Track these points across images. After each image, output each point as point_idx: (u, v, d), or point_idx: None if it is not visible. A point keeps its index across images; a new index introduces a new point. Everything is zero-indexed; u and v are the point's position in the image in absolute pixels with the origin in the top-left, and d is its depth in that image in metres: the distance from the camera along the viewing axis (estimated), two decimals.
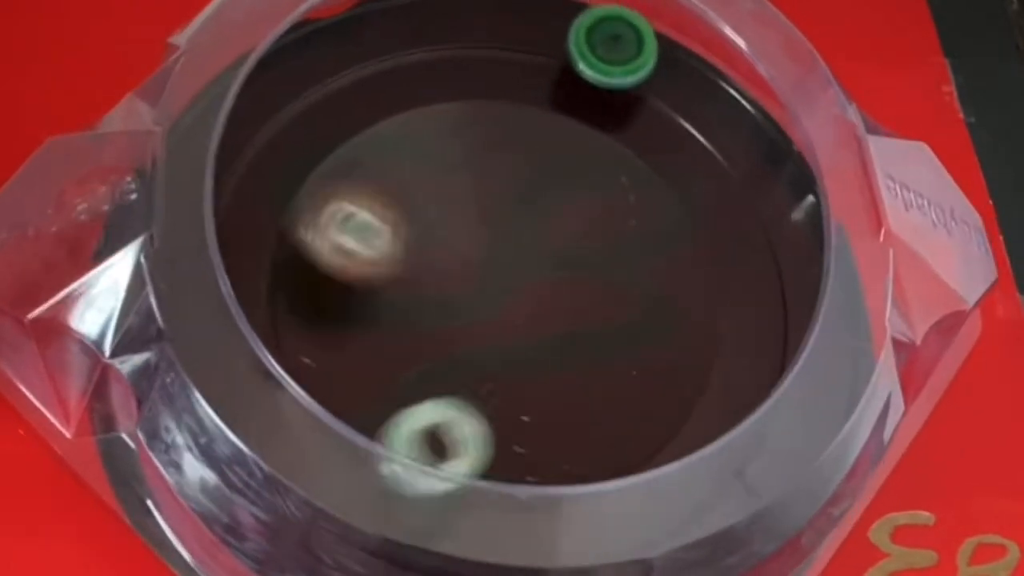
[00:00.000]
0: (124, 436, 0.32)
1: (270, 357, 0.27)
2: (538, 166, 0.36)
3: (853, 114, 0.33)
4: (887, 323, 0.31)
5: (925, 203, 0.34)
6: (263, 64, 0.33)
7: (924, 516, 0.34)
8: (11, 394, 0.32)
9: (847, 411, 0.30)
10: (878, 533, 0.33)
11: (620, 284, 0.34)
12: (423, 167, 0.35)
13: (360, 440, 0.27)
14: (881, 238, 0.31)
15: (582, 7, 0.36)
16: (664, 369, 0.33)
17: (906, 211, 0.32)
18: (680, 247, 0.35)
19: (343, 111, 0.35)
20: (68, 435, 0.32)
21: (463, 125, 0.37)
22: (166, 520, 0.31)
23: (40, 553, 0.32)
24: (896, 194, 0.32)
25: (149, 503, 0.32)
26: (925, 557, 0.33)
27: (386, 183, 0.33)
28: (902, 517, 0.34)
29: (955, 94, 0.42)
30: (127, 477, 0.32)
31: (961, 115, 0.41)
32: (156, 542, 0.31)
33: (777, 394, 0.29)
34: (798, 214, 0.35)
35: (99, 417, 0.32)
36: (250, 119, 0.32)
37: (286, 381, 0.27)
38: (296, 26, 0.34)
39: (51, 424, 0.32)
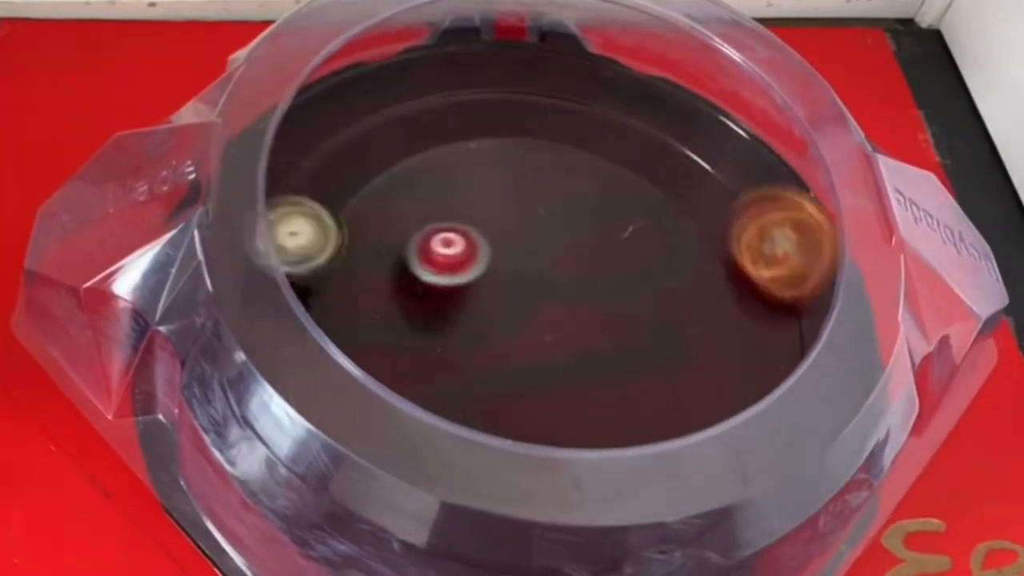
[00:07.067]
0: (161, 417, 0.33)
1: (309, 318, 0.29)
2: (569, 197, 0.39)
3: (861, 138, 0.35)
4: (900, 320, 0.31)
5: (935, 223, 0.35)
6: (315, 90, 0.36)
7: (935, 523, 0.34)
8: (57, 376, 0.34)
9: (861, 401, 0.30)
10: (891, 540, 0.34)
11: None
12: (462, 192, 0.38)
13: (392, 397, 0.28)
14: (892, 243, 0.33)
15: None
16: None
17: (916, 224, 0.34)
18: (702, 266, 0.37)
19: (389, 131, 0.38)
20: (109, 416, 0.33)
21: (495, 159, 0.40)
22: (195, 493, 0.32)
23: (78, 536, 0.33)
24: (906, 207, 0.34)
25: (182, 482, 0.33)
26: (939, 562, 0.33)
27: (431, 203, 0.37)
28: (913, 524, 0.34)
29: (931, 141, 0.46)
30: (163, 457, 0.33)
31: (938, 159, 0.46)
32: (187, 520, 0.32)
33: (789, 383, 0.30)
34: None
35: (139, 400, 0.33)
36: (300, 127, 0.35)
37: (324, 340, 0.28)
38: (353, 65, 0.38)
39: (93, 405, 0.33)
